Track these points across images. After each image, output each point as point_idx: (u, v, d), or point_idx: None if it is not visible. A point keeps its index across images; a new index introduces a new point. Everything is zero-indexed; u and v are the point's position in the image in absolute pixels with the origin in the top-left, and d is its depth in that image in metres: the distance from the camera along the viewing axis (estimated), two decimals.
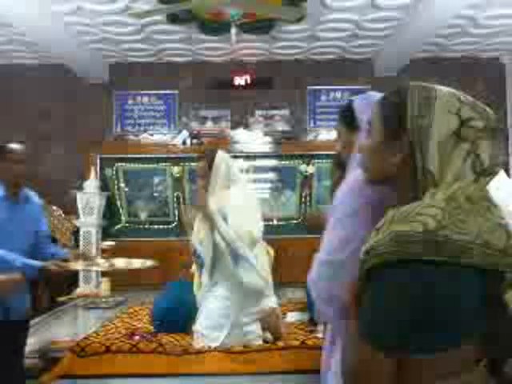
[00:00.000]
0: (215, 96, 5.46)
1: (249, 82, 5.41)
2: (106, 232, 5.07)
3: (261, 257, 2.60)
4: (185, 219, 2.88)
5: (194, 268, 2.87)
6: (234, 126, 5.49)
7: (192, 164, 4.98)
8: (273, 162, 5.35)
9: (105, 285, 4.27)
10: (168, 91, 5.56)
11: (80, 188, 4.93)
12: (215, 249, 2.54)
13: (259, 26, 4.48)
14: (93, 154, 5.19)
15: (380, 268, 0.81)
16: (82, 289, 4.62)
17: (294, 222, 5.22)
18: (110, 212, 5.15)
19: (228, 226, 2.45)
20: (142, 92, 5.57)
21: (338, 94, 5.54)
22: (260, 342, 2.55)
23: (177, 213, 5.21)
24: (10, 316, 2.24)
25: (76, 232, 4.96)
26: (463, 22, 4.53)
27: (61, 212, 4.96)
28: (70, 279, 4.47)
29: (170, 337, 2.70)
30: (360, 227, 1.19)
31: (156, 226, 5.23)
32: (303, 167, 5.23)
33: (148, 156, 5.27)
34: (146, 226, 5.24)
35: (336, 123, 1.55)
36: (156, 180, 5.31)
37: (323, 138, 5.43)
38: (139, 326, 3.01)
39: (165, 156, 5.25)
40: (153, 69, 5.54)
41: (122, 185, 5.25)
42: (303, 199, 5.23)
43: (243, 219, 2.49)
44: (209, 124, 5.52)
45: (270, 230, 3.19)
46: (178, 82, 5.55)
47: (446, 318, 0.79)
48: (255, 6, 3.92)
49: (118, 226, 5.21)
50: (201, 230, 2.62)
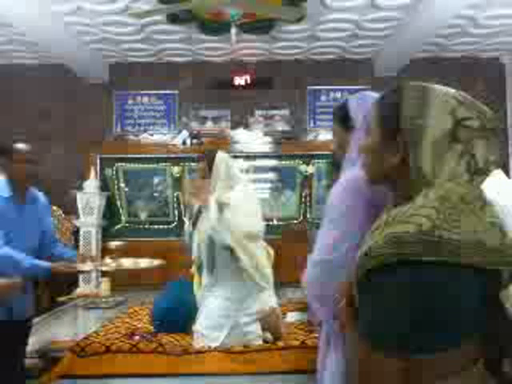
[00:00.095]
0: (215, 96, 5.46)
1: (249, 81, 5.41)
2: (106, 232, 5.08)
3: (261, 257, 2.60)
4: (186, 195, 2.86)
5: (194, 268, 2.87)
6: (234, 126, 5.48)
7: (192, 164, 4.98)
8: (273, 162, 5.34)
9: (105, 285, 4.27)
10: (168, 91, 5.56)
11: (80, 188, 4.94)
12: (215, 248, 2.54)
13: (259, 25, 4.48)
14: (93, 153, 5.19)
15: (380, 269, 0.81)
16: (81, 289, 4.62)
17: (294, 222, 5.23)
18: (110, 212, 5.15)
19: (222, 220, 2.45)
20: (141, 92, 5.57)
21: (338, 94, 5.53)
22: (260, 342, 2.55)
23: (177, 213, 5.22)
24: (13, 316, 2.25)
25: (76, 232, 4.96)
26: (463, 21, 4.53)
27: (61, 212, 4.96)
28: (70, 279, 4.48)
29: (170, 337, 2.69)
30: (353, 227, 1.19)
31: (156, 226, 5.23)
32: (303, 167, 5.23)
33: (148, 156, 5.27)
34: (146, 226, 5.23)
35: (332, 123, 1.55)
36: (156, 180, 5.31)
37: (323, 138, 5.42)
38: (139, 326, 3.01)
39: (165, 156, 5.25)
40: (153, 69, 5.54)
41: (122, 185, 5.25)
42: (303, 199, 5.23)
43: (243, 219, 2.49)
44: (209, 124, 5.52)
45: (269, 230, 3.19)
46: (178, 82, 5.55)
47: (446, 318, 0.79)
48: (255, 6, 3.92)
49: (118, 226, 5.21)
50: (201, 229, 2.63)
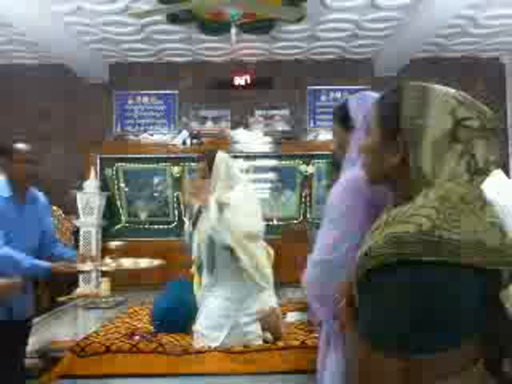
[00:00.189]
0: (215, 96, 5.46)
1: (249, 81, 5.41)
2: (106, 232, 5.08)
3: (261, 257, 2.60)
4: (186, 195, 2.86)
5: (194, 268, 2.87)
6: (234, 126, 5.48)
7: (192, 164, 4.98)
8: (273, 162, 5.34)
9: (105, 285, 4.27)
10: (168, 91, 5.56)
11: (80, 188, 4.93)
12: (215, 248, 2.54)
13: (259, 25, 4.48)
14: (93, 153, 5.19)
15: (380, 269, 0.81)
16: (81, 289, 4.62)
17: (294, 222, 5.23)
18: (110, 212, 5.15)
19: (222, 220, 2.45)
20: (142, 92, 5.57)
21: (338, 94, 5.53)
22: (260, 342, 2.55)
23: (177, 213, 5.21)
24: (13, 316, 2.24)
25: (76, 232, 4.96)
26: (463, 21, 4.53)
27: (61, 212, 4.96)
28: (70, 279, 4.48)
29: (170, 337, 2.69)
30: (353, 227, 1.19)
31: (156, 226, 5.23)
32: (303, 167, 5.22)
33: (148, 156, 5.26)
34: (146, 226, 5.23)
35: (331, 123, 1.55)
36: (156, 180, 5.31)
37: (323, 138, 5.42)
38: (139, 326, 3.01)
39: (165, 156, 5.25)
40: (153, 69, 5.54)
41: (122, 185, 5.25)
42: (303, 199, 5.23)
43: (243, 219, 2.50)
44: (209, 124, 5.52)
45: (269, 230, 3.19)
46: (178, 82, 5.55)
47: (446, 318, 0.79)
48: (255, 6, 3.92)
49: (118, 226, 5.21)
50: (201, 229, 2.63)
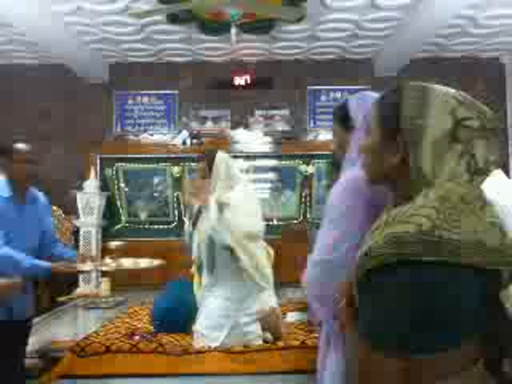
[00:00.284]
0: (215, 96, 5.46)
1: (249, 81, 5.41)
2: (106, 232, 5.08)
3: (261, 257, 2.60)
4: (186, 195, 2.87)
5: (194, 268, 2.87)
6: (234, 126, 5.48)
7: (192, 164, 4.98)
8: (273, 162, 5.34)
9: (105, 285, 4.27)
10: (168, 91, 5.56)
11: (80, 188, 4.94)
12: (215, 248, 2.54)
13: (259, 25, 4.48)
14: (93, 153, 5.19)
15: (380, 269, 0.81)
16: (81, 289, 4.62)
17: (294, 222, 5.23)
18: (110, 212, 5.15)
19: (222, 220, 2.45)
20: (142, 92, 5.57)
21: (338, 94, 5.53)
22: (260, 342, 2.55)
23: (177, 213, 5.21)
24: (13, 316, 2.24)
25: (76, 232, 4.96)
26: (463, 21, 4.53)
27: (61, 212, 4.96)
28: (70, 279, 4.48)
29: (170, 337, 2.69)
30: (353, 227, 1.19)
31: (156, 226, 5.23)
32: (303, 167, 5.23)
33: (148, 156, 5.26)
34: (146, 226, 5.23)
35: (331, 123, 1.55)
36: (156, 180, 5.31)
37: (323, 138, 5.42)
38: (139, 326, 3.01)
39: (165, 156, 5.25)
40: (153, 69, 5.54)
41: (122, 185, 5.25)
42: (303, 199, 5.23)
43: (243, 219, 2.50)
44: (209, 124, 5.52)
45: (269, 230, 3.18)
46: (178, 82, 5.55)
47: (446, 318, 0.79)
48: (255, 6, 3.92)
49: (118, 226, 5.21)
50: (201, 229, 2.63)
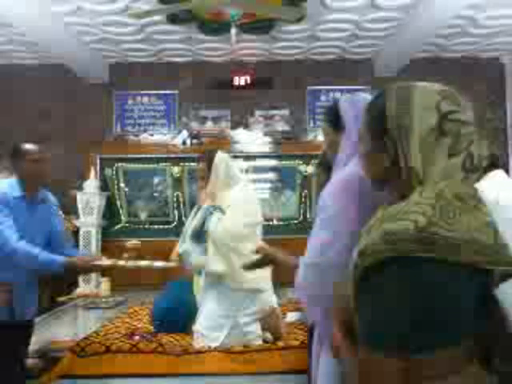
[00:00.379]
0: (215, 96, 5.46)
1: (249, 82, 5.41)
2: (105, 232, 5.08)
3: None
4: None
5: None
6: (234, 126, 5.48)
7: (192, 164, 4.98)
8: (273, 162, 5.35)
9: (105, 285, 4.27)
10: (168, 91, 5.56)
11: (80, 188, 4.93)
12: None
13: (259, 25, 4.48)
14: (93, 154, 5.19)
15: (378, 267, 0.81)
16: (81, 289, 4.62)
17: (294, 221, 5.23)
18: (110, 212, 5.15)
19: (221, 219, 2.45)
20: (142, 92, 5.57)
21: (338, 94, 5.51)
22: (260, 342, 2.56)
23: (177, 213, 5.21)
24: (15, 316, 2.24)
25: (76, 232, 4.96)
26: (463, 22, 4.53)
27: (61, 212, 4.95)
28: (70, 279, 4.48)
29: (169, 337, 2.70)
30: (345, 227, 1.18)
31: (156, 226, 5.23)
32: (303, 167, 5.23)
33: (148, 156, 5.27)
34: (146, 226, 5.23)
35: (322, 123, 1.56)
36: (156, 180, 5.31)
37: (323, 138, 5.41)
38: (139, 325, 3.01)
39: (165, 156, 5.25)
40: (153, 69, 5.54)
41: (122, 185, 5.25)
42: (303, 199, 5.23)
43: (243, 219, 2.50)
44: (209, 124, 5.52)
45: (269, 230, 3.18)
46: (178, 82, 5.55)
47: (446, 317, 0.79)
48: (255, 6, 3.92)
49: (118, 226, 5.21)
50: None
